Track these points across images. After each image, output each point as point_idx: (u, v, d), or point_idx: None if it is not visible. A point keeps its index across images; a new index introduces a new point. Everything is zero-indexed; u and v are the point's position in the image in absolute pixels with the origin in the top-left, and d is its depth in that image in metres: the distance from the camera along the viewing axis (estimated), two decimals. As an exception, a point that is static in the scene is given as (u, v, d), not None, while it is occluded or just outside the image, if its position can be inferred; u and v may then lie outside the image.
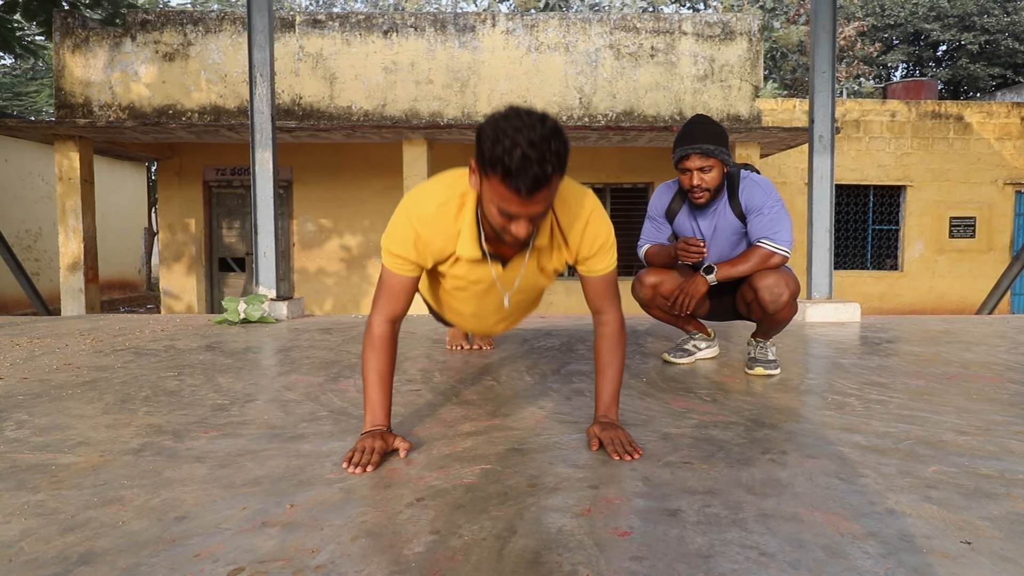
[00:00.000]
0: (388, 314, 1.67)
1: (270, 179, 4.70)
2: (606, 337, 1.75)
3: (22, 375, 2.56)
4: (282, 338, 3.59)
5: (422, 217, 1.61)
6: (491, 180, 1.41)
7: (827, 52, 4.54)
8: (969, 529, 1.20)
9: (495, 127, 1.38)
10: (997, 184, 11.03)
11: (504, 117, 1.39)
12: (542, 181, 1.37)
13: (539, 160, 1.34)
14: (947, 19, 20.52)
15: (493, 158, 1.36)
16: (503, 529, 1.20)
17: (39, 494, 1.37)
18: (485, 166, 1.40)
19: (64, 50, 9.10)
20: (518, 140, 1.34)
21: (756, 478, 1.45)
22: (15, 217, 11.32)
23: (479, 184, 1.48)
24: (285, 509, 1.29)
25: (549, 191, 1.41)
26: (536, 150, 1.34)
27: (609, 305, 1.76)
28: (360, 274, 10.27)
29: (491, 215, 1.49)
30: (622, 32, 9.24)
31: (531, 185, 1.36)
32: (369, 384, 1.65)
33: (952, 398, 2.18)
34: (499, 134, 1.36)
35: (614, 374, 1.75)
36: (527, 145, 1.33)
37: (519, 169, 1.34)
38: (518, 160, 1.34)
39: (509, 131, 1.35)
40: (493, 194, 1.43)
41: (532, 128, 1.35)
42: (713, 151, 2.40)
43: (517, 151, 1.33)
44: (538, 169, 1.35)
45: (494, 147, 1.36)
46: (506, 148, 1.34)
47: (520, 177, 1.35)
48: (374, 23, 9.21)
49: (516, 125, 1.36)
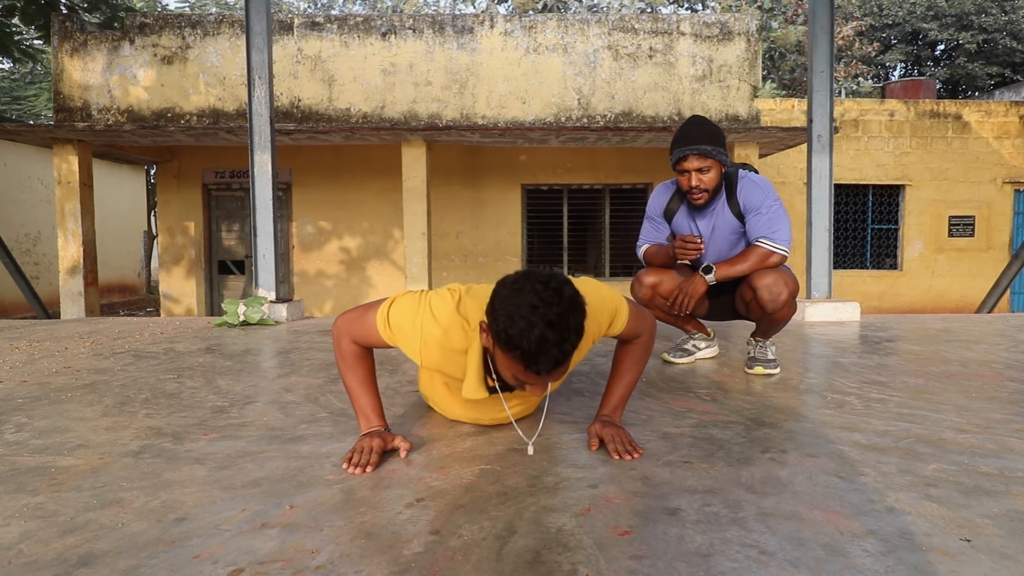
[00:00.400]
0: (359, 342, 1.62)
1: (269, 181, 4.71)
2: (637, 344, 1.74)
3: (21, 378, 2.56)
4: (282, 340, 3.59)
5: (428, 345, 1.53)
6: (507, 357, 1.32)
7: (825, 52, 4.55)
8: (969, 527, 1.20)
9: (509, 304, 1.29)
10: (996, 183, 11.04)
11: (518, 290, 1.30)
12: (561, 361, 1.30)
13: (558, 342, 1.27)
14: (945, 18, 20.53)
15: (509, 340, 1.28)
16: (503, 529, 1.20)
17: (39, 496, 1.37)
18: (500, 343, 1.32)
19: (62, 54, 9.10)
20: (534, 321, 1.25)
21: (756, 477, 1.45)
22: (14, 221, 11.32)
23: (491, 347, 1.39)
24: (285, 510, 1.29)
25: (569, 363, 1.34)
26: (555, 331, 1.26)
27: (642, 330, 1.73)
28: (360, 276, 10.27)
29: (506, 376, 1.41)
30: (620, 33, 9.24)
31: (551, 367, 1.30)
32: (353, 393, 1.64)
33: (952, 396, 2.18)
34: (514, 314, 1.27)
35: (631, 380, 1.75)
36: (544, 326, 1.25)
37: (538, 352, 1.27)
38: (536, 343, 1.26)
39: (524, 310, 1.26)
40: (508, 366, 1.35)
41: (548, 305, 1.27)
42: (710, 152, 2.40)
43: (535, 332, 1.25)
44: (557, 352, 1.28)
45: (509, 328, 1.27)
46: (522, 331, 1.26)
47: (540, 361, 1.28)
48: (372, 25, 9.21)
49: (531, 302, 1.27)
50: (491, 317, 1.33)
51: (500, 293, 1.33)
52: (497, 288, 1.35)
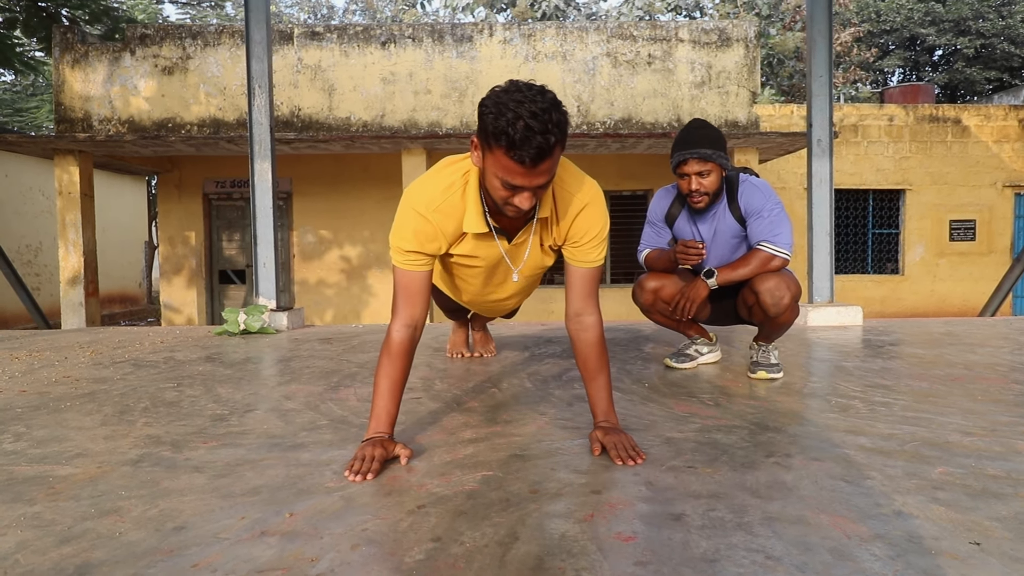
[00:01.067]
0: (407, 318, 1.67)
1: (269, 190, 4.71)
2: (591, 343, 1.73)
3: (21, 388, 2.55)
4: (282, 348, 3.58)
5: (429, 205, 1.63)
6: (494, 153, 1.43)
7: (824, 56, 4.55)
8: (978, 530, 1.18)
9: (496, 101, 1.40)
10: (996, 187, 11.04)
11: (505, 91, 1.41)
12: (545, 151, 1.39)
13: (541, 131, 1.36)
14: (942, 24, 20.60)
15: (496, 130, 1.38)
16: (505, 535, 1.18)
17: (36, 506, 1.35)
18: (488, 139, 1.42)
19: (64, 65, 9.14)
20: (520, 112, 1.36)
21: (761, 481, 1.43)
22: (15, 232, 11.34)
23: (482, 159, 1.50)
24: (284, 518, 1.27)
25: (552, 161, 1.43)
26: (538, 121, 1.36)
27: (591, 305, 1.75)
28: (360, 284, 10.27)
29: (494, 189, 1.50)
30: (619, 40, 9.27)
31: (535, 155, 1.38)
32: (379, 392, 1.64)
33: (957, 399, 2.16)
34: (501, 107, 1.38)
35: (605, 379, 1.74)
36: (529, 116, 1.36)
37: (522, 140, 1.36)
38: (521, 131, 1.36)
39: (511, 104, 1.37)
40: (496, 167, 1.45)
41: (533, 100, 1.38)
42: (711, 155, 2.39)
43: (520, 123, 1.35)
44: (541, 139, 1.37)
45: (496, 120, 1.38)
46: (509, 120, 1.36)
47: (524, 148, 1.37)
48: (372, 35, 9.25)
49: (517, 98, 1.38)
50: (480, 115, 1.43)
51: (489, 95, 1.43)
52: (487, 93, 1.45)
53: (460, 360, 3.03)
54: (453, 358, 3.08)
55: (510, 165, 1.41)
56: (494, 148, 1.42)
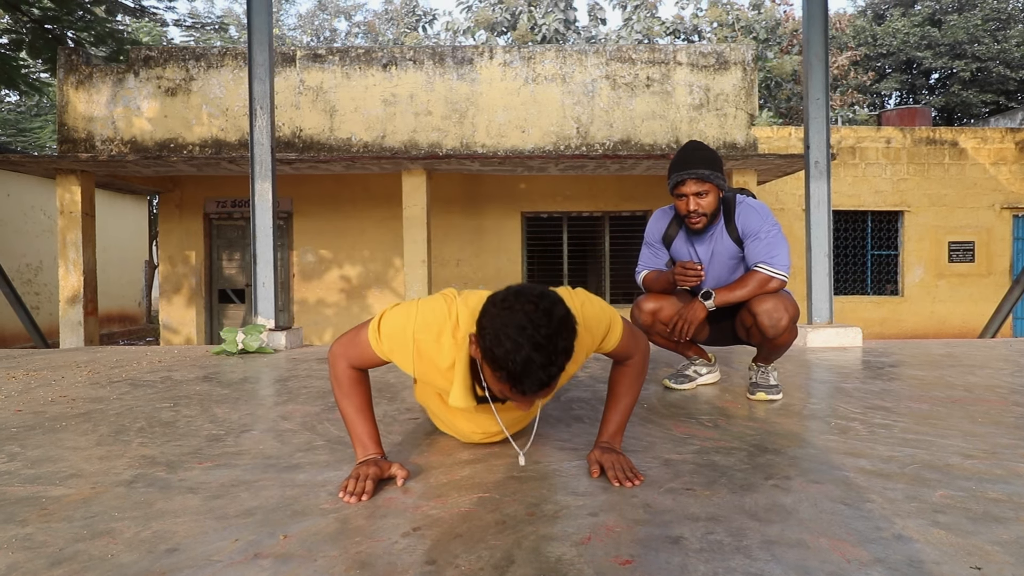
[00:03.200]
0: (355, 364, 1.61)
1: (269, 210, 4.73)
2: (630, 367, 1.72)
3: (16, 407, 2.54)
4: (280, 368, 3.57)
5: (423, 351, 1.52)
6: (494, 374, 1.31)
7: (820, 80, 4.60)
8: (979, 554, 1.17)
9: (497, 323, 1.27)
10: (994, 208, 11.08)
11: (507, 308, 1.27)
12: (547, 384, 1.28)
13: (544, 365, 1.25)
14: (938, 47, 20.83)
15: (496, 359, 1.26)
16: (501, 559, 1.17)
17: (28, 527, 1.34)
18: (487, 360, 1.30)
19: (68, 86, 9.22)
20: (522, 343, 1.23)
21: (760, 504, 1.42)
22: (16, 251, 11.36)
23: (480, 360, 1.36)
24: (278, 540, 1.26)
25: (555, 384, 1.32)
26: (542, 354, 1.24)
27: (634, 351, 1.72)
28: (360, 304, 10.26)
29: (493, 389, 1.40)
30: (618, 63, 9.36)
31: (537, 389, 1.28)
32: (349, 420, 1.61)
33: (957, 422, 2.15)
34: (501, 334, 1.25)
35: (628, 404, 1.72)
36: (532, 348, 1.23)
37: (523, 374, 1.25)
38: (522, 365, 1.24)
39: (512, 331, 1.24)
40: (496, 383, 1.34)
41: (537, 327, 1.24)
42: (708, 176, 2.40)
43: (522, 354, 1.23)
44: (543, 374, 1.26)
45: (496, 348, 1.26)
46: (508, 352, 1.24)
47: (525, 383, 1.26)
48: (373, 57, 9.34)
49: (520, 323, 1.24)
50: (479, 334, 1.31)
51: (489, 311, 1.30)
52: (487, 305, 1.33)
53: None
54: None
55: (510, 392, 1.31)
56: (494, 371, 1.30)
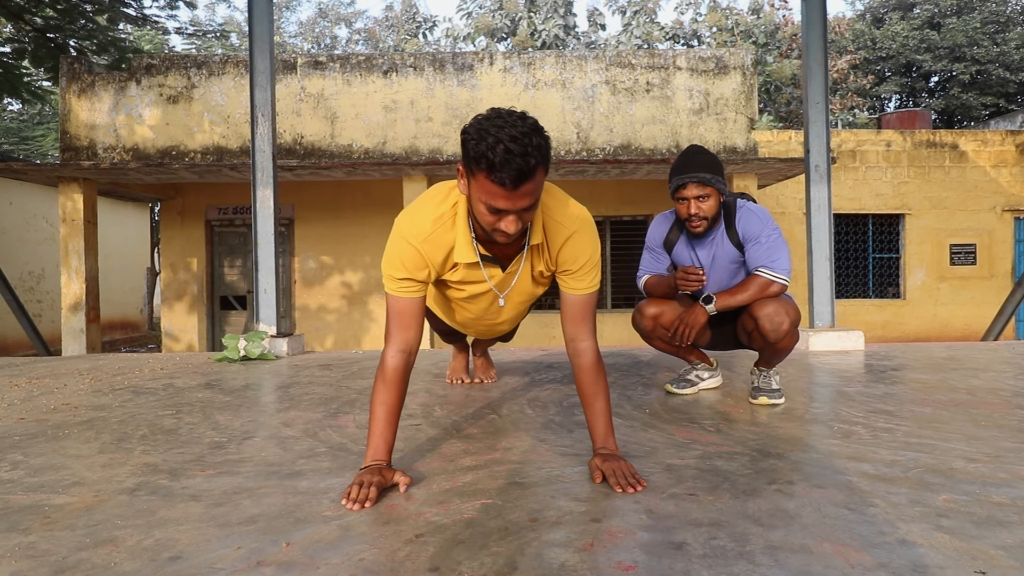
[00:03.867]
0: (401, 343, 1.67)
1: (271, 217, 4.73)
2: (587, 368, 1.74)
3: (19, 415, 2.54)
4: (282, 375, 3.57)
5: (419, 235, 1.66)
6: (477, 178, 1.46)
7: (820, 83, 4.60)
8: (983, 558, 1.17)
9: (477, 127, 1.44)
10: (995, 211, 11.08)
11: (486, 118, 1.46)
12: (526, 173, 1.42)
13: (521, 153, 1.40)
14: (938, 50, 20.87)
15: (477, 155, 1.42)
16: (504, 565, 1.17)
17: (31, 535, 1.34)
18: (471, 164, 1.46)
19: (70, 94, 9.26)
20: (500, 136, 1.40)
21: (763, 509, 1.42)
22: (19, 259, 11.38)
23: (467, 186, 1.54)
24: (281, 548, 1.26)
25: (534, 184, 1.46)
26: (518, 144, 1.40)
27: (586, 331, 1.76)
28: (361, 310, 10.27)
29: (480, 215, 1.53)
30: (618, 68, 9.39)
31: (515, 177, 1.41)
32: (375, 418, 1.63)
33: (960, 425, 2.15)
34: (482, 133, 1.42)
35: (603, 404, 1.73)
36: (509, 140, 1.40)
37: (503, 163, 1.40)
38: (501, 154, 1.39)
39: (491, 129, 1.42)
40: (480, 192, 1.48)
41: (513, 125, 1.42)
42: (709, 180, 2.41)
43: (500, 146, 1.40)
44: (521, 161, 1.40)
45: (478, 144, 1.42)
46: (489, 144, 1.40)
47: (504, 170, 1.40)
48: (374, 64, 9.38)
49: (497, 123, 1.42)
50: (463, 142, 1.47)
51: (471, 122, 1.47)
52: (470, 121, 1.49)
53: (460, 386, 3.02)
54: (453, 384, 3.06)
55: (492, 188, 1.44)
56: (476, 173, 1.45)
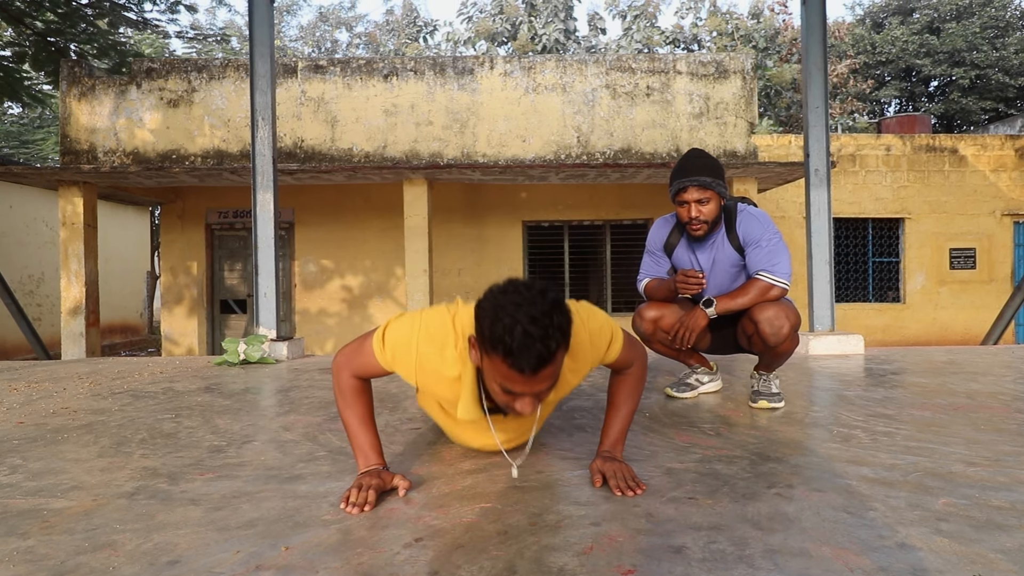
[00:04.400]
0: (358, 373, 1.63)
1: (271, 220, 4.74)
2: (629, 376, 1.74)
3: (18, 419, 2.54)
4: (281, 378, 3.57)
5: (425, 362, 1.55)
6: (492, 359, 1.35)
7: (820, 88, 4.61)
8: (982, 562, 1.17)
9: (494, 304, 1.33)
10: (995, 215, 11.08)
11: (503, 292, 1.34)
12: (546, 359, 1.31)
13: (541, 337, 1.29)
14: (937, 55, 20.90)
15: (493, 337, 1.31)
16: (503, 569, 1.17)
17: (29, 540, 1.34)
18: (485, 344, 1.35)
19: (71, 98, 9.27)
20: (518, 318, 1.28)
21: (762, 513, 1.42)
22: (18, 263, 11.38)
23: (479, 359, 1.42)
24: (280, 552, 1.26)
25: (554, 367, 1.35)
26: (538, 327, 1.29)
27: (634, 360, 1.74)
28: (361, 314, 10.26)
29: (495, 392, 1.43)
30: (618, 72, 9.40)
31: (535, 364, 1.31)
32: (352, 430, 1.62)
33: (960, 429, 2.15)
34: (498, 312, 1.31)
35: (628, 412, 1.73)
36: (528, 322, 1.28)
37: (521, 348, 1.29)
38: (519, 339, 1.28)
39: (509, 308, 1.30)
40: (495, 373, 1.37)
41: (532, 303, 1.30)
42: (710, 183, 2.41)
43: (518, 329, 1.28)
44: (541, 347, 1.29)
45: (494, 326, 1.31)
46: (506, 327, 1.29)
47: (522, 356, 1.30)
48: (375, 68, 9.39)
49: (516, 301, 1.31)
50: (477, 319, 1.36)
51: (487, 295, 1.38)
52: (485, 293, 1.39)
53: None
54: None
55: (509, 373, 1.34)
56: (491, 354, 1.34)
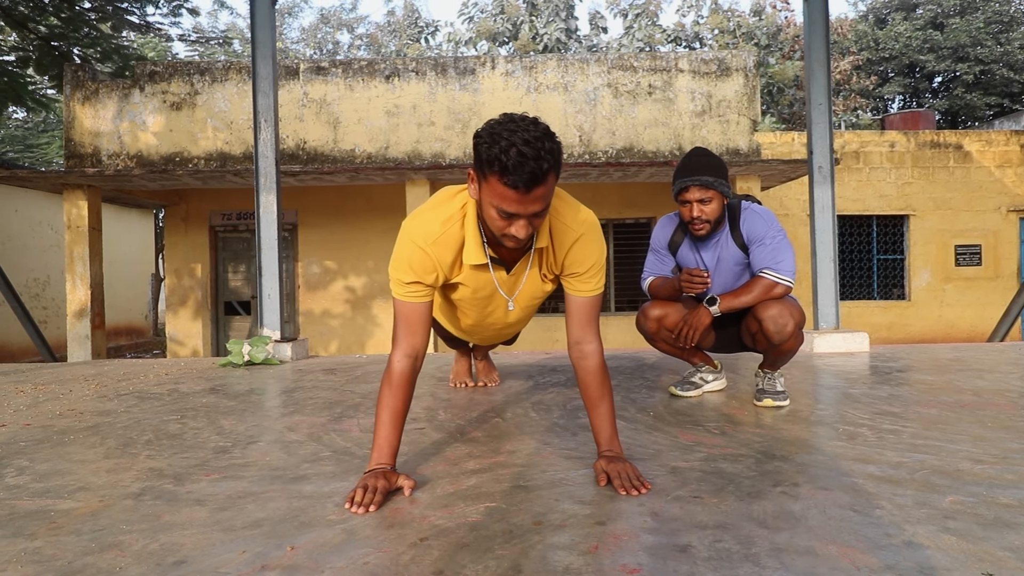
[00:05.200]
0: (408, 348, 1.68)
1: (274, 222, 4.75)
2: (592, 371, 1.74)
3: (25, 421, 2.55)
4: (286, 379, 3.57)
5: (428, 237, 1.66)
6: (489, 181, 1.47)
7: (822, 84, 4.60)
8: (990, 560, 1.16)
9: (490, 131, 1.45)
10: (1000, 211, 11.04)
11: (499, 122, 1.46)
12: (539, 177, 1.42)
13: (534, 156, 1.41)
14: (941, 51, 20.83)
15: (490, 158, 1.43)
16: (508, 568, 1.17)
17: (36, 541, 1.34)
18: (483, 167, 1.46)
19: (74, 102, 9.31)
20: (513, 140, 1.41)
21: (768, 511, 1.41)
22: (24, 266, 11.43)
23: (478, 190, 1.54)
24: (285, 552, 1.26)
25: (546, 188, 1.46)
26: (531, 147, 1.41)
27: (591, 333, 1.76)
28: (365, 315, 10.28)
29: (491, 219, 1.53)
30: (620, 71, 9.40)
31: (528, 180, 1.42)
32: (380, 422, 1.63)
33: (966, 426, 2.14)
34: (495, 136, 1.43)
35: (608, 407, 1.73)
36: (522, 143, 1.40)
37: (516, 166, 1.40)
38: (515, 157, 1.40)
39: (504, 133, 1.42)
40: (492, 195, 1.48)
41: (526, 129, 1.43)
42: (712, 183, 2.41)
43: (513, 150, 1.40)
44: (534, 164, 1.41)
45: (491, 148, 1.43)
46: (502, 148, 1.41)
47: (517, 173, 1.41)
48: (376, 69, 9.40)
49: (510, 127, 1.43)
50: (475, 145, 1.48)
51: (484, 125, 1.48)
52: (482, 126, 1.50)
53: (463, 390, 3.02)
54: (456, 388, 3.06)
55: (505, 192, 1.45)
56: (489, 176, 1.46)
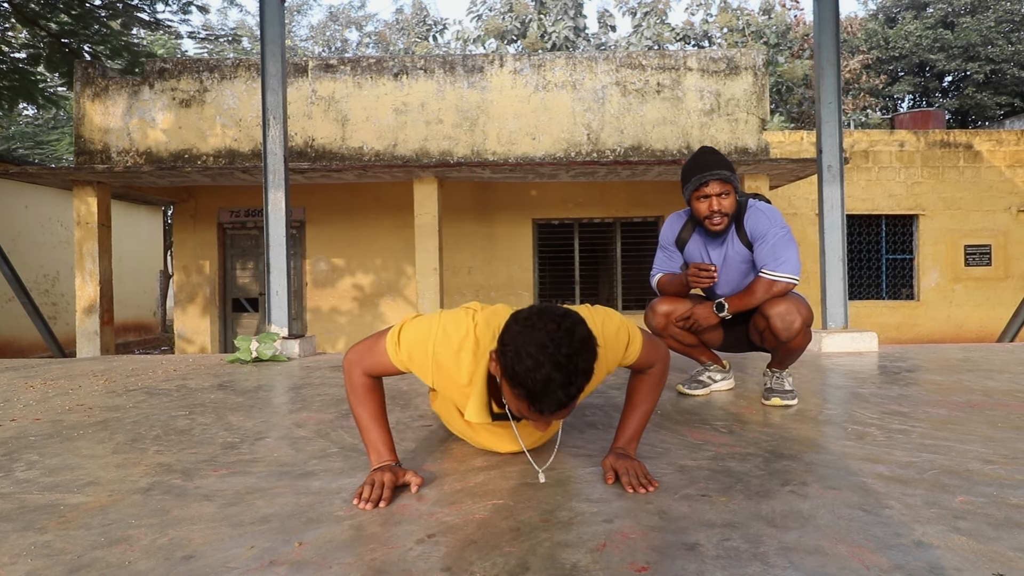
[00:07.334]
0: (371, 371, 1.62)
1: (283, 219, 4.76)
2: (650, 375, 1.72)
3: (35, 416, 2.56)
4: (293, 376, 3.58)
5: (440, 363, 1.54)
6: (513, 391, 1.30)
7: (832, 83, 4.57)
8: (1001, 560, 1.15)
9: (515, 343, 1.27)
10: (1011, 211, 10.95)
11: (530, 327, 1.27)
12: (565, 404, 1.28)
13: (563, 384, 1.24)
14: (951, 50, 20.68)
15: (515, 376, 1.26)
16: (516, 566, 1.17)
17: (46, 534, 1.35)
18: (507, 377, 1.30)
19: (84, 99, 9.35)
20: (542, 360, 1.23)
21: (776, 510, 1.41)
22: (34, 262, 11.50)
23: (500, 377, 1.36)
24: (294, 547, 1.26)
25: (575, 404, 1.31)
26: (562, 372, 1.23)
27: (655, 360, 1.72)
28: (373, 312, 10.30)
29: (511, 407, 1.39)
30: (628, 69, 9.37)
31: (554, 409, 1.28)
32: (364, 427, 1.62)
33: (976, 427, 2.12)
34: (521, 350, 1.25)
35: (646, 411, 1.72)
36: (552, 367, 1.23)
37: (542, 393, 1.25)
38: (542, 384, 1.24)
39: (533, 348, 1.24)
40: (512, 400, 1.33)
41: (559, 345, 1.24)
42: (730, 177, 2.43)
43: (542, 372, 1.23)
44: (562, 394, 1.25)
45: (516, 364, 1.25)
46: (528, 369, 1.24)
47: (543, 402, 1.26)
48: (385, 66, 9.41)
49: (541, 342, 1.24)
50: (500, 351, 1.32)
51: (512, 328, 1.30)
52: (509, 322, 1.33)
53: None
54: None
55: (528, 411, 1.30)
56: (512, 388, 1.29)
